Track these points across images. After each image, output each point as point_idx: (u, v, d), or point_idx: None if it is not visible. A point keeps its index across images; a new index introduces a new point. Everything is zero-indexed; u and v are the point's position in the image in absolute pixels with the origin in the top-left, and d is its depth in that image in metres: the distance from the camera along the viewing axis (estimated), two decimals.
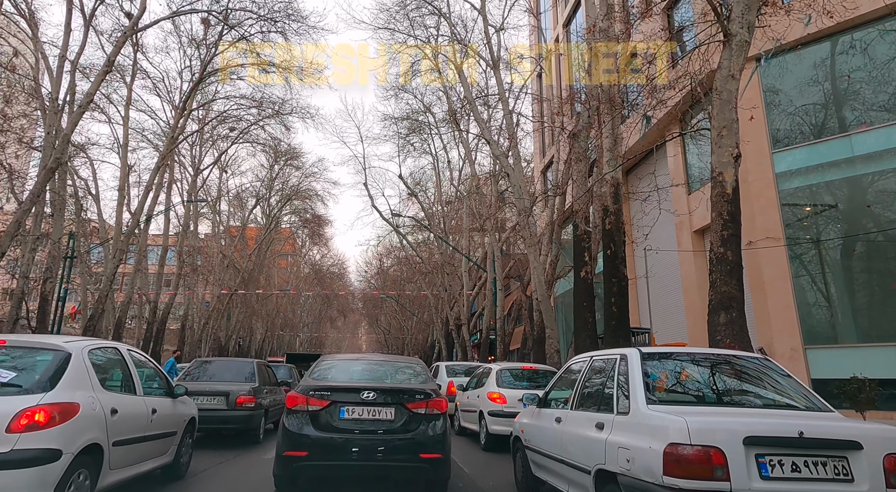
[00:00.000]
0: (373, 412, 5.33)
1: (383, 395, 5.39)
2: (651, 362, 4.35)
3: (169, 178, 27.41)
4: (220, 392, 8.65)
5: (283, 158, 36.89)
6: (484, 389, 9.33)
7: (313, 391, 5.39)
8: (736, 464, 3.30)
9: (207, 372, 9.62)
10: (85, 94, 15.16)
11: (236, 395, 8.65)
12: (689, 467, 3.32)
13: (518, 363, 11.47)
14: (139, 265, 23.38)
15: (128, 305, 22.67)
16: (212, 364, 10.13)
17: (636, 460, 3.64)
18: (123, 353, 5.32)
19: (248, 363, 9.95)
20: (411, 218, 30.71)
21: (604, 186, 10.48)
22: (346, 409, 5.30)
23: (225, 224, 39.72)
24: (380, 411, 5.34)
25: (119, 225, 21.77)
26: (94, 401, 4.31)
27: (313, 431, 5.22)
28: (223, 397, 8.61)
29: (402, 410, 5.37)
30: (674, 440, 3.39)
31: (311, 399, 5.33)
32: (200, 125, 24.82)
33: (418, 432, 5.31)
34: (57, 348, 4.36)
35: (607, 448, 4.00)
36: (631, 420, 3.91)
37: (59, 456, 3.80)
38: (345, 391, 5.43)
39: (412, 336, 53.85)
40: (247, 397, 8.72)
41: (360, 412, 5.31)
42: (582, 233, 12.21)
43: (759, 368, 4.66)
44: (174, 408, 6.01)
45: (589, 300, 11.88)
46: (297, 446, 5.19)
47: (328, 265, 57.46)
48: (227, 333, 40.05)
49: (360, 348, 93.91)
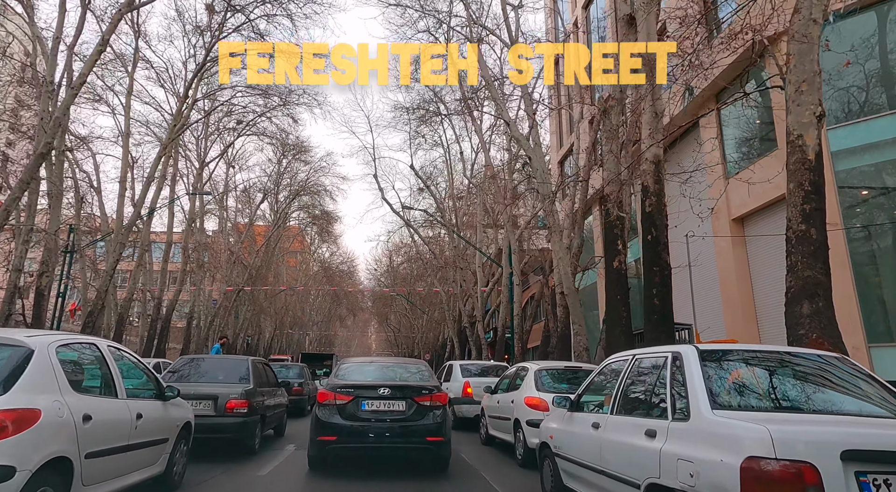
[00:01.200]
0: (388, 405, 6.60)
1: (396, 390, 6.69)
2: (711, 361, 3.79)
3: (173, 171, 26.59)
4: (207, 395, 7.52)
5: (290, 152, 36.02)
6: (519, 393, 8.17)
7: (339, 388, 6.67)
8: (833, 483, 2.70)
9: (195, 372, 8.51)
10: (78, 75, 14.25)
11: (226, 398, 7.50)
12: (773, 486, 2.74)
13: (558, 362, 10.32)
14: (142, 260, 22.52)
15: (130, 301, 21.82)
16: (200, 363, 8.98)
17: (702, 476, 3.10)
18: (102, 349, 4.74)
19: (242, 362, 8.77)
20: (423, 211, 29.63)
21: (643, 163, 9.34)
22: (367, 402, 6.57)
23: (232, 221, 38.92)
24: (393, 404, 6.61)
25: (120, 217, 20.92)
26: (60, 406, 3.72)
27: (340, 420, 6.47)
28: (211, 402, 7.48)
29: (411, 402, 6.61)
30: (754, 453, 2.83)
31: (339, 395, 6.59)
32: (205, 114, 23.89)
33: (424, 420, 6.58)
34: (16, 344, 3.75)
35: (662, 460, 3.48)
36: (692, 428, 3.38)
37: (13, 474, 3.21)
38: (365, 388, 6.70)
39: (423, 335, 52.87)
40: (239, 400, 7.57)
41: (378, 405, 6.59)
42: (614, 219, 11.08)
43: (838, 368, 4.05)
44: (165, 412, 5.40)
45: (622, 293, 10.75)
46: (328, 432, 6.46)
47: (338, 263, 56.60)
48: (234, 331, 39.27)
49: (369, 347, 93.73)
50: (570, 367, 8.84)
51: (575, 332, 11.96)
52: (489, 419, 9.76)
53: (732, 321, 13.41)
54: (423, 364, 8.02)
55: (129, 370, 5.07)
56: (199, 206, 31.52)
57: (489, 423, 9.76)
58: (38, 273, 17.27)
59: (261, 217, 44.14)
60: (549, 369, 8.42)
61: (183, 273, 27.28)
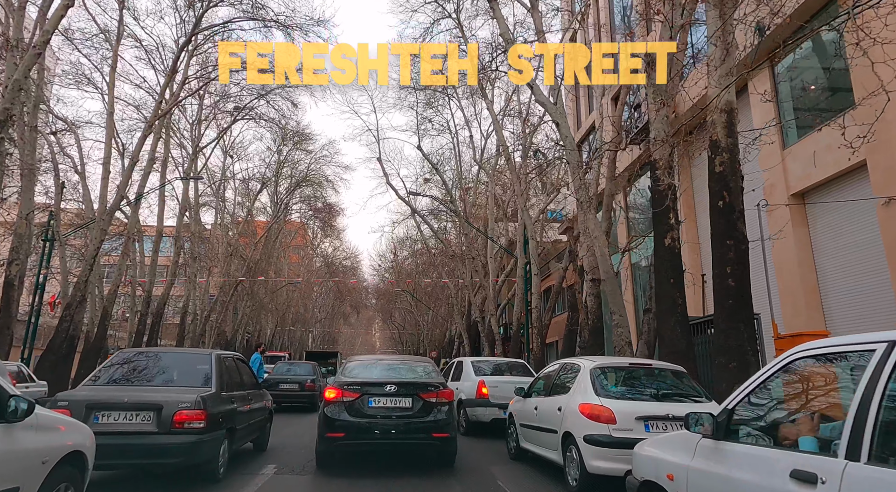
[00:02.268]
0: (394, 401, 6.68)
1: (403, 387, 6.79)
2: None
3: (164, 156, 24.91)
4: (146, 404, 5.37)
5: (291, 140, 34.32)
6: (570, 398, 6.36)
7: (347, 386, 6.74)
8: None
9: (137, 372, 6.26)
10: (41, 33, 12.54)
11: (174, 408, 5.34)
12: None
13: (617, 359, 8.52)
14: (127, 250, 20.85)
15: (115, 294, 20.15)
16: (148, 359, 6.62)
17: None
18: None
19: (203, 357, 6.63)
20: (431, 197, 27.77)
21: (711, 113, 7.55)
22: (374, 399, 6.66)
23: (231, 213, 37.24)
24: (400, 401, 6.69)
25: (103, 202, 19.27)
26: None
27: (348, 416, 6.54)
28: (152, 413, 5.33)
29: (418, 399, 6.72)
30: None
31: (346, 392, 6.66)
32: (193, 92, 22.15)
33: (430, 416, 6.66)
34: None
35: None
36: None
37: None
38: (372, 385, 6.79)
39: (428, 331, 51.20)
40: (192, 411, 5.37)
41: (385, 402, 6.68)
42: (665, 188, 9.30)
43: None
44: (9, 442, 3.18)
45: (676, 275, 8.99)
46: (337, 429, 6.50)
47: (341, 258, 54.92)
48: (233, 328, 37.65)
49: (373, 345, 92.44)
50: (637, 364, 7.04)
51: (615, 323, 10.18)
52: (521, 429, 7.98)
53: (793, 310, 11.60)
54: (428, 362, 8.00)
55: None
56: (194, 194, 29.85)
57: (521, 433, 7.98)
58: (8, 261, 15.62)
59: (261, 210, 42.56)
60: (608, 368, 6.60)
61: (175, 265, 25.56)
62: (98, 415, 5.26)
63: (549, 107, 11.98)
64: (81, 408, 5.20)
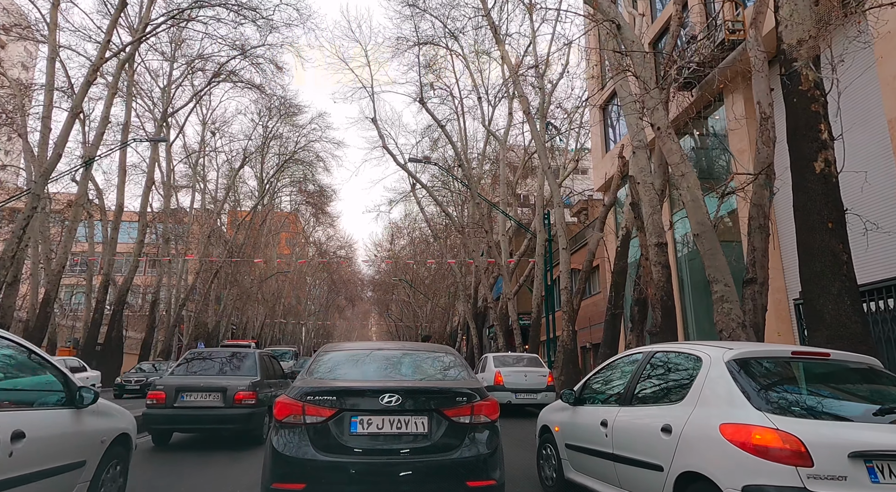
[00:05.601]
0: (397, 423, 3.82)
1: (411, 398, 3.87)
2: None
3: (126, 117, 21.54)
4: (216, 388, 7.69)
5: (277, 111, 30.95)
6: (688, 410, 3.52)
7: (312, 396, 3.84)
8: None
9: (201, 365, 8.47)
10: None
11: (235, 390, 7.63)
12: None
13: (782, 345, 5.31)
14: (75, 221, 17.54)
15: (59, 276, 16.84)
16: (206, 356, 8.92)
17: None
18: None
19: (249, 355, 8.84)
20: (435, 163, 24.41)
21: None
22: (360, 420, 3.80)
23: (213, 194, 33.86)
24: (408, 422, 3.83)
25: (42, 162, 15.96)
26: None
27: (313, 452, 3.71)
28: (220, 394, 7.63)
29: (439, 418, 3.85)
30: None
31: (310, 407, 3.79)
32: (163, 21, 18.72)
33: (463, 449, 3.81)
34: None
35: None
36: None
37: None
38: (357, 394, 3.91)
39: (428, 324, 48.17)
40: (247, 392, 7.70)
41: (380, 424, 3.81)
42: (808, 89, 6.09)
43: None
44: (79, 424, 3.82)
45: (836, 216, 5.81)
46: (291, 476, 3.69)
47: (335, 248, 51.61)
48: (215, 319, 34.36)
49: (370, 340, 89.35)
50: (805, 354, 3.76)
51: (717, 296, 6.84)
52: (568, 452, 4.93)
53: None
54: (451, 352, 4.84)
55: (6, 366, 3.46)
56: (166, 167, 26.49)
57: (568, 458, 4.94)
58: None
59: (248, 195, 39.20)
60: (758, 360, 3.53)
61: (140, 245, 22.23)
62: (184, 395, 7.59)
63: (604, 6, 8.72)
64: (173, 390, 7.56)
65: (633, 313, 11.56)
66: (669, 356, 4.50)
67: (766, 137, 8.35)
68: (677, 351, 4.43)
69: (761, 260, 7.92)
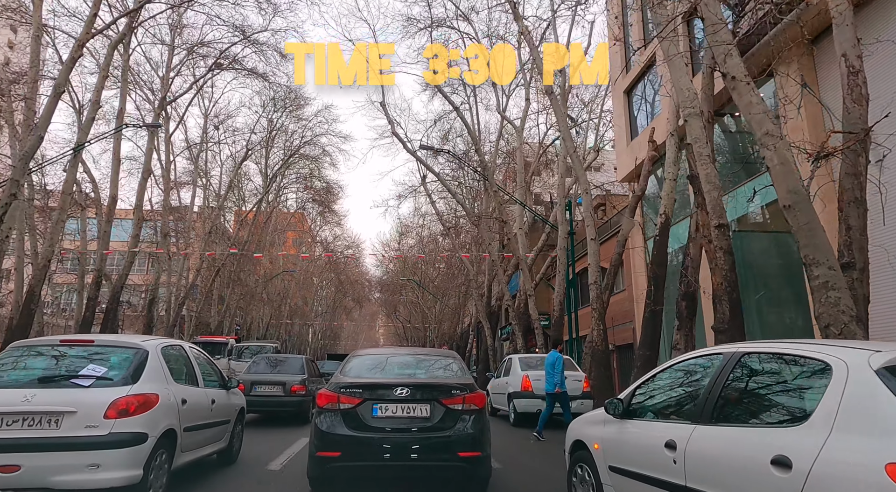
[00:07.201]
0: (407, 409, 5.23)
1: (418, 391, 5.29)
2: None
3: (120, 104, 20.31)
4: (278, 382, 11.22)
5: (281, 102, 29.73)
6: (810, 433, 2.63)
7: (344, 389, 5.36)
8: None
9: (267, 366, 12.24)
10: None
11: (291, 384, 11.17)
12: None
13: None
14: (63, 211, 16.31)
15: (44, 270, 15.61)
16: (270, 359, 12.92)
17: None
18: (186, 349, 6.07)
19: (299, 359, 12.70)
20: (447, 151, 22.96)
21: None
22: (380, 406, 5.22)
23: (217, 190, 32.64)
24: (414, 408, 5.23)
25: (24, 147, 14.74)
26: (168, 392, 5.00)
27: (346, 430, 5.15)
28: (281, 386, 11.14)
29: (438, 406, 5.23)
30: None
31: (343, 397, 5.29)
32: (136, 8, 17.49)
33: (456, 429, 5.16)
34: (137, 347, 5.08)
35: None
36: None
37: (146, 439, 4.50)
38: (377, 388, 5.37)
39: (437, 325, 46.75)
40: (299, 385, 11.22)
41: (394, 410, 5.21)
42: None
43: None
44: (228, 399, 6.69)
45: None
46: (330, 446, 5.18)
47: (342, 247, 50.30)
48: (217, 319, 33.10)
49: (377, 342, 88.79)
50: None
51: (819, 282, 5.22)
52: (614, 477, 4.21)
53: None
54: (454, 357, 6.22)
55: (201, 366, 6.22)
56: (165, 158, 25.31)
57: (613, 484, 4.18)
58: None
59: (253, 193, 37.96)
60: None
61: (136, 239, 20.99)
62: (256, 386, 11.09)
63: None
64: (249, 383, 10.84)
65: (681, 309, 10.09)
66: (768, 359, 3.30)
67: (857, 94, 6.84)
68: (781, 352, 3.20)
69: (859, 240, 6.44)
